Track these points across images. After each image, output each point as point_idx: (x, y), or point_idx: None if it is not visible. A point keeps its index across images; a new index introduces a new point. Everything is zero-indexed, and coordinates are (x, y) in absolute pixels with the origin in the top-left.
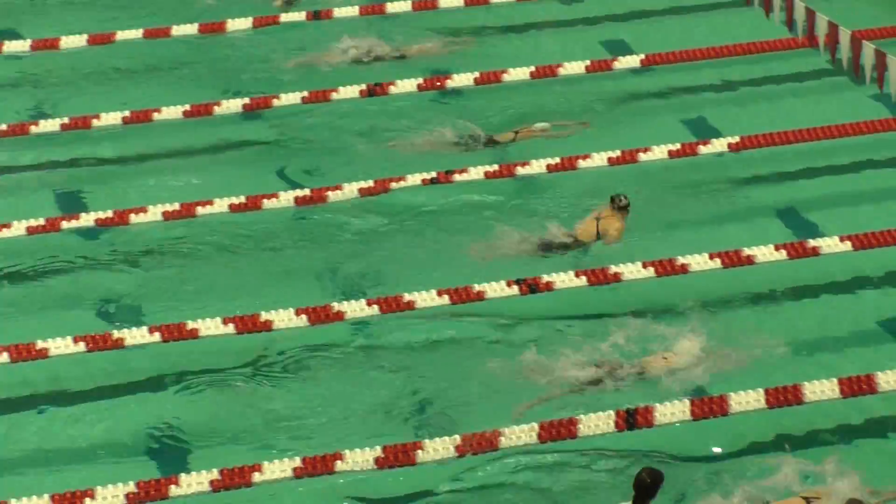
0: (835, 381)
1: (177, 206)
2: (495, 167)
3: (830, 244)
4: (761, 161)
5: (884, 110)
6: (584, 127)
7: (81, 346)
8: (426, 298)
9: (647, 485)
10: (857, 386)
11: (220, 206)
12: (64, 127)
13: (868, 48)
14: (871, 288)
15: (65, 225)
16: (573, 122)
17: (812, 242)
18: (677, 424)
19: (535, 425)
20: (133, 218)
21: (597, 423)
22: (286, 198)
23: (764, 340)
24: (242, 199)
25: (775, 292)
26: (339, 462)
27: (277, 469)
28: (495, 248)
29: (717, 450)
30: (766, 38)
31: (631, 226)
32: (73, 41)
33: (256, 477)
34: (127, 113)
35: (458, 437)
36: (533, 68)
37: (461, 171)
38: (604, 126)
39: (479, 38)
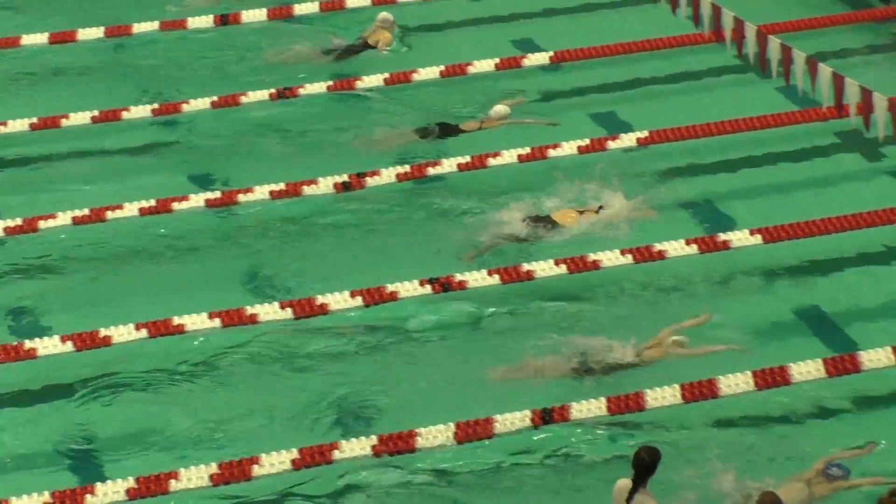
0: (748, 373)
1: (87, 211)
2: (406, 168)
3: (741, 238)
4: (670, 156)
5: (790, 104)
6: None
7: None
8: (339, 300)
9: (646, 463)
10: (771, 378)
11: (131, 210)
12: None
13: (774, 42)
14: (782, 280)
15: None
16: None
17: (722, 236)
18: (594, 421)
19: (452, 425)
20: (42, 224)
21: (512, 421)
22: (197, 200)
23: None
24: (153, 202)
25: (687, 287)
26: (256, 466)
27: (194, 476)
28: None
29: None
30: (673, 34)
31: None
32: None
33: (173, 485)
34: (35, 119)
35: (374, 438)
36: (443, 67)
37: (372, 174)
38: (512, 123)
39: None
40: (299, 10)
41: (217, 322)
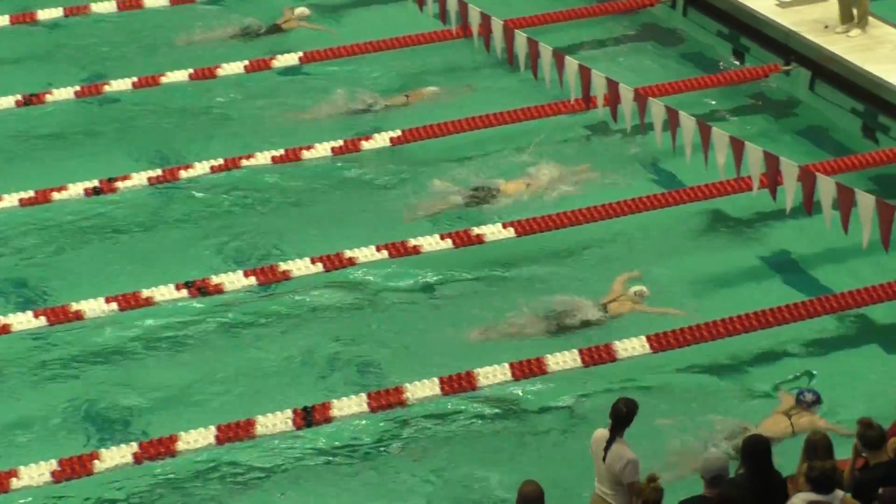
0: (506, 365)
1: None
2: (158, 172)
3: (494, 231)
4: (424, 154)
5: (538, 96)
6: (469, 91)
7: None
8: (94, 307)
9: (623, 414)
10: (528, 369)
11: None
12: None
13: (520, 37)
14: (534, 271)
15: None
16: (460, 85)
17: (476, 230)
18: (355, 418)
19: (213, 428)
20: None
21: (274, 422)
22: None
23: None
24: None
25: (442, 280)
26: (14, 480)
27: None
28: (428, 207)
29: None
30: (421, 31)
31: (298, 225)
32: None
33: None
34: None
35: (135, 445)
36: (190, 71)
37: (124, 179)
38: (259, 126)
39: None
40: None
41: None
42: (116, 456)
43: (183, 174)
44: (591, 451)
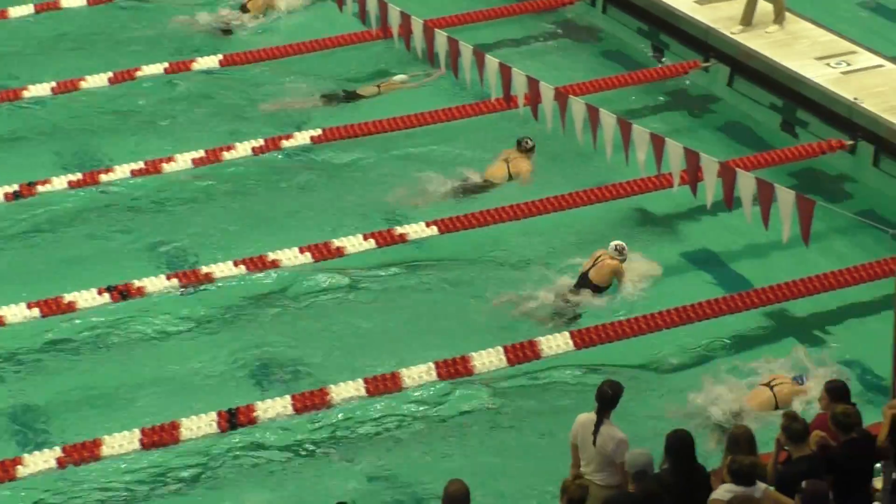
0: (431, 364)
1: None
2: (79, 176)
3: (417, 230)
4: (342, 152)
5: (466, 96)
6: (433, 77)
7: None
8: (16, 312)
9: (608, 396)
10: (454, 369)
11: None
12: None
13: (441, 36)
14: (458, 268)
15: None
16: (422, 73)
17: (399, 229)
18: (278, 421)
19: (138, 432)
20: None
21: (199, 424)
22: None
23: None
24: None
25: (366, 278)
26: None
27: None
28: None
29: None
30: (341, 32)
31: (221, 227)
32: None
33: None
34: None
35: (59, 450)
36: (111, 74)
37: (44, 183)
38: (185, 128)
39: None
40: None
41: None
42: (40, 461)
43: (104, 177)
44: (576, 437)
